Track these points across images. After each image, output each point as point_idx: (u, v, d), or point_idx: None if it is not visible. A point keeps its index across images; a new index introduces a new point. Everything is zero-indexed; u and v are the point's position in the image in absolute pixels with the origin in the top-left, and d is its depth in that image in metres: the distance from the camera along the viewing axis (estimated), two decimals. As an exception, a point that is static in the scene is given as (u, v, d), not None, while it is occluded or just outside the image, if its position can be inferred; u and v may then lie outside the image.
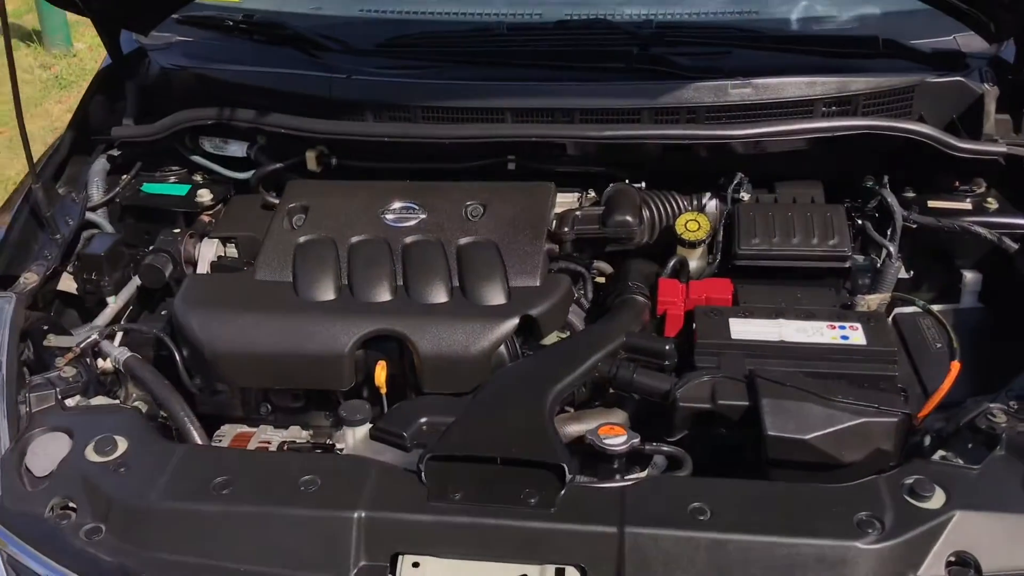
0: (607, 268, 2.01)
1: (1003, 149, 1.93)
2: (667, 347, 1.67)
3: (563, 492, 1.39)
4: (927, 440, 1.60)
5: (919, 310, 1.92)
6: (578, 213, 1.95)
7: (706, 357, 1.70)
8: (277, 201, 2.04)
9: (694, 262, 2.00)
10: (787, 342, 1.71)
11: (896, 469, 1.43)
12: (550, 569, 1.35)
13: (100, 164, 2.19)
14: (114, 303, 1.96)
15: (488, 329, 1.69)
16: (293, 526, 1.40)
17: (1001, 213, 1.95)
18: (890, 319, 1.91)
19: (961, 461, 1.46)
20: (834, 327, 1.74)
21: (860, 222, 1.98)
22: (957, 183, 2.03)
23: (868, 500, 1.37)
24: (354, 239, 1.87)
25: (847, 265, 1.90)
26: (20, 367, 1.69)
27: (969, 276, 1.95)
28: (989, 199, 1.98)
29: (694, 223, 1.96)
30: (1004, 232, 1.90)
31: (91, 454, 1.52)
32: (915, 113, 2.01)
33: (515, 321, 1.71)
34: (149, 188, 2.16)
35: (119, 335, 1.90)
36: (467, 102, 1.99)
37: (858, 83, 1.96)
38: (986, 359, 1.80)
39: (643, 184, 2.04)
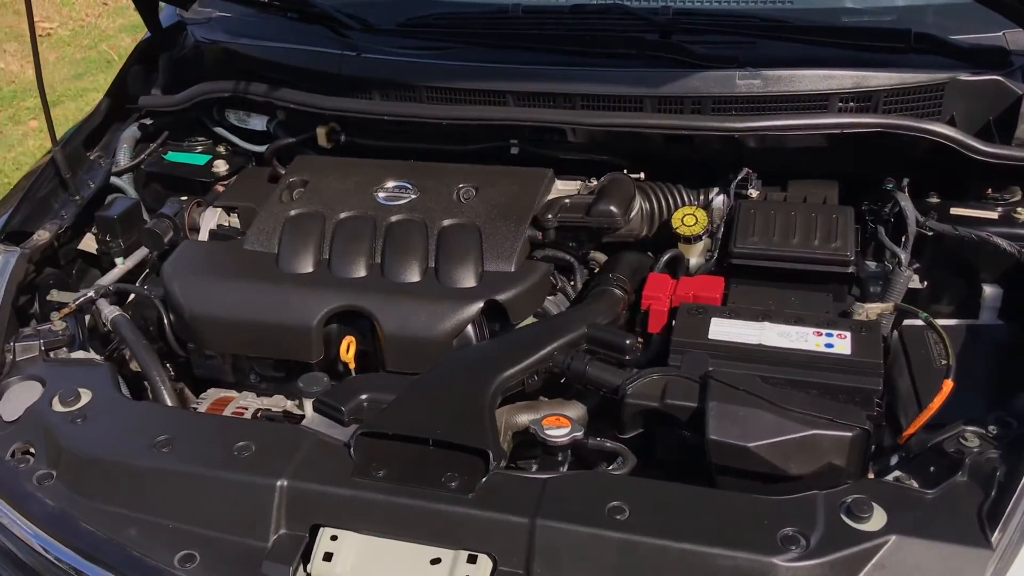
0: (603, 259, 1.96)
1: None
2: (627, 342, 1.61)
3: (484, 479, 1.37)
4: (894, 459, 1.50)
5: (930, 323, 1.79)
6: (567, 201, 1.90)
7: (680, 355, 1.64)
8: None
9: (694, 258, 1.93)
10: (765, 346, 1.62)
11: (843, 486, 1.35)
12: (463, 555, 1.34)
13: (130, 132, 2.28)
14: (122, 264, 2.04)
15: (451, 311, 1.68)
16: (220, 489, 1.42)
17: None
18: (895, 332, 1.80)
19: (916, 483, 1.37)
20: (820, 334, 1.65)
21: (873, 226, 1.86)
22: (990, 190, 1.88)
23: (800, 515, 1.29)
24: (342, 215, 1.88)
25: (850, 270, 1.79)
26: (14, 318, 1.78)
27: (988, 290, 1.81)
28: (1020, 209, 1.83)
29: (691, 217, 1.89)
30: (1030, 245, 1.75)
31: (56, 404, 1.59)
32: (945, 114, 1.87)
33: (479, 305, 1.68)
34: (172, 156, 2.24)
35: (132, 296, 1.98)
36: (469, 84, 1.97)
37: (878, 78, 1.84)
38: (1003, 379, 1.67)
39: (642, 175, 1.97)
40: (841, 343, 1.62)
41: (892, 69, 1.85)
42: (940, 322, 1.80)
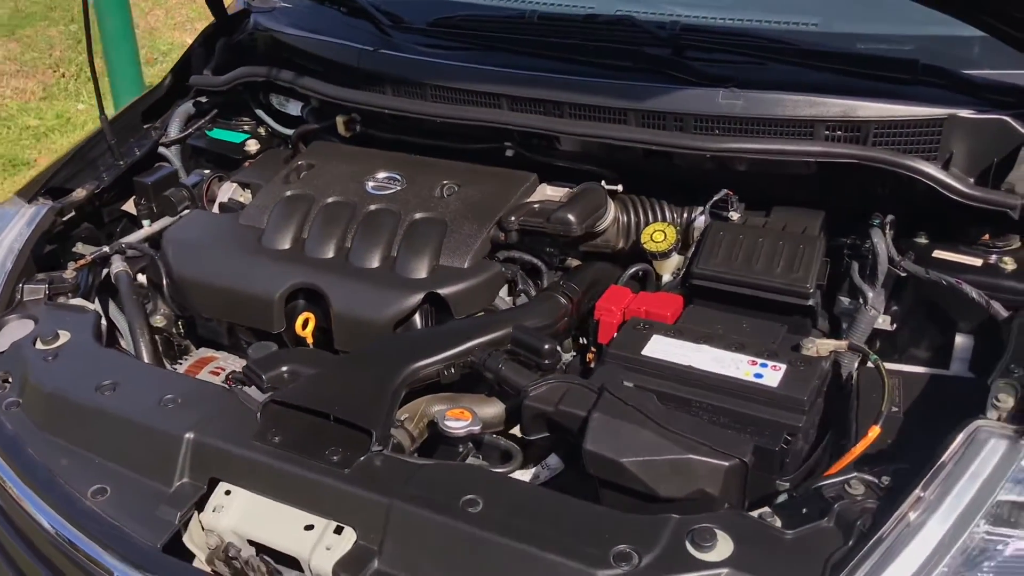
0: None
1: (1017, 202, 1.66)
2: (546, 347, 1.63)
3: (363, 457, 1.44)
4: (782, 498, 1.46)
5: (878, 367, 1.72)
6: (536, 205, 1.93)
7: (608, 368, 1.66)
8: None
9: (667, 275, 1.92)
10: (695, 368, 1.61)
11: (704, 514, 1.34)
12: (332, 525, 1.41)
13: (185, 107, 2.48)
14: (148, 226, 2.23)
15: (394, 299, 1.76)
16: (140, 434, 1.56)
17: (1015, 277, 1.69)
18: (856, 373, 1.73)
19: (780, 522, 1.33)
20: (755, 363, 1.62)
21: (849, 261, 1.80)
22: (987, 237, 1.78)
23: (643, 535, 1.29)
24: (329, 199, 1.99)
25: (809, 303, 1.74)
26: (31, 262, 1.99)
27: (959, 341, 1.71)
28: (1007, 259, 1.72)
29: (660, 234, 1.88)
30: (1009, 298, 1.65)
31: (38, 341, 1.78)
32: (943, 152, 1.77)
33: (420, 296, 1.75)
34: (214, 133, 2.42)
35: None
36: (468, 85, 2.02)
37: (868, 108, 1.77)
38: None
39: (619, 187, 1.98)
40: (773, 375, 1.59)
41: (885, 99, 1.77)
42: (907, 369, 1.74)
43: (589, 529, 1.31)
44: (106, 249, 2.07)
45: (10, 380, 1.74)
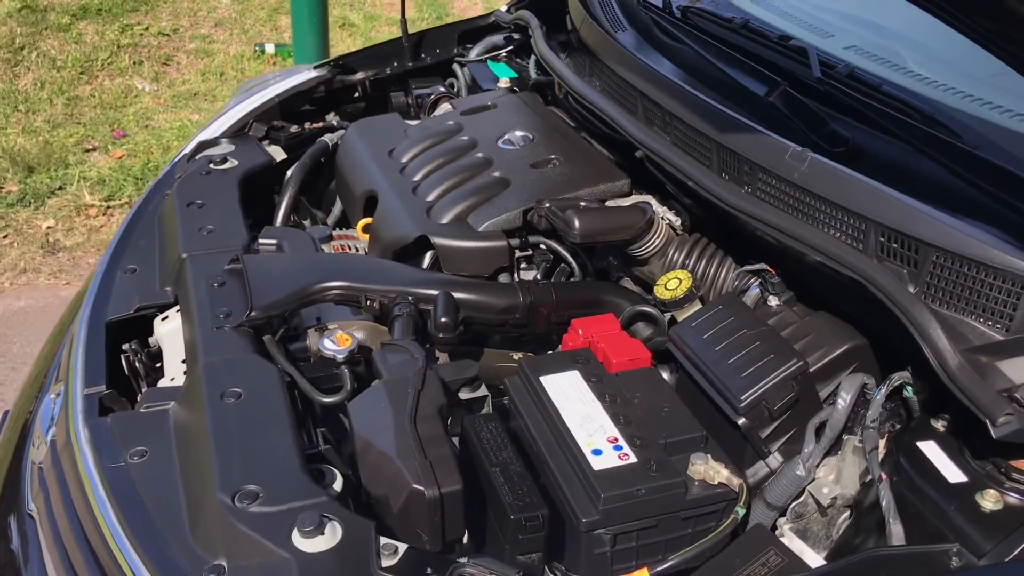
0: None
1: (998, 414, 1.11)
2: (442, 319, 1.58)
3: (231, 327, 1.61)
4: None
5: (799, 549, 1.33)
6: (581, 203, 1.78)
7: (513, 379, 1.57)
8: None
9: (684, 325, 1.68)
10: (559, 415, 1.45)
11: None
12: (184, 367, 1.64)
13: (494, 38, 2.69)
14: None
15: (401, 229, 1.83)
16: (171, 244, 1.91)
17: (969, 519, 1.16)
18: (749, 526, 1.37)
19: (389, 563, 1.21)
20: (614, 441, 1.40)
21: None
22: (1021, 464, 1.23)
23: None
24: (464, 137, 2.08)
25: (739, 420, 1.40)
26: (276, 108, 2.41)
27: (877, 556, 1.24)
28: (989, 495, 1.18)
29: (675, 281, 1.64)
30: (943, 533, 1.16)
31: (212, 161, 2.20)
32: (1019, 324, 1.24)
33: (415, 235, 1.79)
34: (493, 65, 2.60)
35: None
36: (626, 74, 1.90)
37: (933, 227, 1.29)
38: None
39: (678, 220, 1.73)
40: (612, 461, 1.37)
41: (965, 224, 1.29)
42: (808, 556, 1.33)
43: (264, 465, 1.33)
44: (334, 123, 2.44)
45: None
